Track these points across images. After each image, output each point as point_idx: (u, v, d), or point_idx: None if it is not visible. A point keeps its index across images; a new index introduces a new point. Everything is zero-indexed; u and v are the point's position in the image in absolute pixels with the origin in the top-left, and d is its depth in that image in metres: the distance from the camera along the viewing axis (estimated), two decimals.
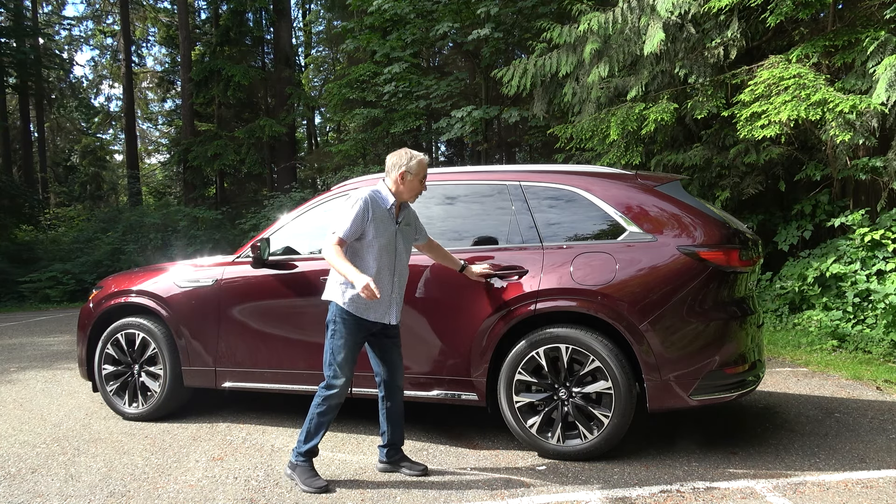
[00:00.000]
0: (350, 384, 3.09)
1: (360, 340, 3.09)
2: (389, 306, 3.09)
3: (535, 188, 3.62)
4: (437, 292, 3.51)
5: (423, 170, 3.10)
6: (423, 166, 3.09)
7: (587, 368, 3.28)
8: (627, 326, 3.21)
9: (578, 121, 8.31)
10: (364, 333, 3.09)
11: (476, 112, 11.74)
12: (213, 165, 17.89)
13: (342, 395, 3.04)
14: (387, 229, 3.04)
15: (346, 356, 3.02)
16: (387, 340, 3.17)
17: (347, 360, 3.03)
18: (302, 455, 3.09)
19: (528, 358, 3.36)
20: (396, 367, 3.20)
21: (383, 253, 3.02)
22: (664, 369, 3.17)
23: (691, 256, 3.22)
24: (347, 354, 3.02)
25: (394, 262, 3.07)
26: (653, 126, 7.24)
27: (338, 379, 3.02)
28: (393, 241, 3.07)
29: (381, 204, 3.05)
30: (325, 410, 3.05)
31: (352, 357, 3.05)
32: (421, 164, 3.09)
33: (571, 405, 3.32)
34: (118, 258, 14.97)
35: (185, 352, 4.08)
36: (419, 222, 3.32)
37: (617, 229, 3.39)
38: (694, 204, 3.45)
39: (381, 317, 3.07)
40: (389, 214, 3.07)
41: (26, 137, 21.16)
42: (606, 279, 3.27)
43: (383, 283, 3.04)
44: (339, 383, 3.02)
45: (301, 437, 3.11)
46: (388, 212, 3.06)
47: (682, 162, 7.80)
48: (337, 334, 3.02)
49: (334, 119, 17.41)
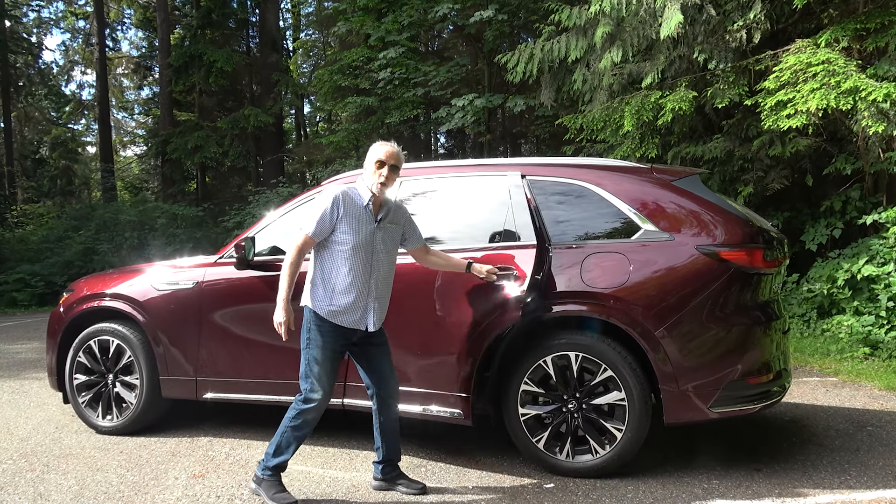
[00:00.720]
0: (329, 397, 3.04)
1: (340, 349, 3.05)
2: (366, 312, 3.05)
3: (541, 183, 3.62)
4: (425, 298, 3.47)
5: (379, 155, 3.04)
6: (378, 152, 3.05)
7: (599, 378, 3.28)
8: (642, 332, 3.21)
9: (589, 110, 8.31)
10: (343, 341, 3.05)
11: (478, 100, 11.75)
12: (194, 158, 17.89)
13: (320, 409, 3.02)
14: (362, 228, 3.02)
15: (324, 367, 2.99)
16: (372, 349, 3.15)
17: (326, 371, 2.99)
18: (269, 469, 3.08)
19: (534, 367, 3.36)
20: (386, 376, 3.18)
21: (357, 253, 3.00)
22: (682, 379, 3.17)
23: (711, 257, 3.22)
24: (326, 365, 2.99)
25: (370, 263, 3.04)
26: (670, 116, 7.24)
27: (315, 392, 2.99)
28: (370, 241, 3.04)
29: (356, 200, 3.04)
30: (300, 425, 3.03)
31: (331, 368, 3.01)
32: (375, 150, 3.06)
33: (582, 418, 3.32)
34: (91, 259, 14.98)
35: (164, 360, 4.08)
36: (413, 225, 3.28)
37: (631, 227, 3.39)
38: (714, 200, 3.44)
39: (356, 323, 3.04)
40: (366, 212, 3.05)
41: None
42: (619, 281, 3.26)
43: (357, 286, 3.01)
44: (316, 397, 2.99)
45: (270, 450, 3.08)
46: (364, 209, 3.05)
47: (702, 154, 7.80)
48: (312, 343, 3.00)
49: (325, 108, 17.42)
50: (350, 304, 3.00)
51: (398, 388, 3.25)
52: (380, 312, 3.11)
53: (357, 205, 3.04)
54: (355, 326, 3.04)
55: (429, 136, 18.87)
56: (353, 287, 3.00)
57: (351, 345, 3.12)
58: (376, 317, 3.08)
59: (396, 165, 3.08)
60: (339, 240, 3.00)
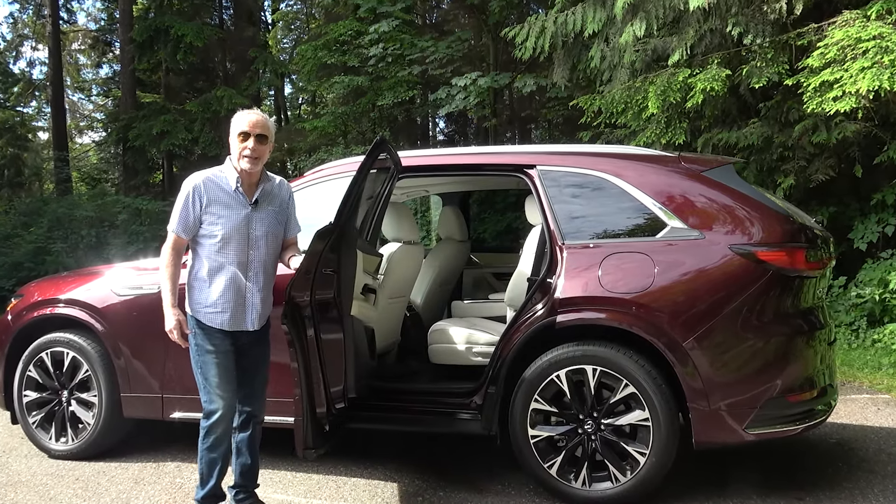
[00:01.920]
0: (232, 407, 3.07)
1: (229, 350, 3.06)
2: (245, 309, 3.06)
3: (554, 173, 3.63)
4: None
5: (241, 126, 3.02)
6: (241, 122, 3.03)
7: (619, 395, 3.28)
8: (668, 343, 3.21)
9: (608, 91, 8.30)
10: (230, 341, 3.07)
11: (482, 80, 11.73)
12: (160, 146, 17.86)
13: (225, 421, 3.04)
14: (232, 215, 3.02)
15: (215, 374, 3.00)
16: (249, 358, 3.14)
17: (220, 377, 3.01)
18: (200, 502, 3.10)
19: (546, 382, 3.36)
20: (256, 393, 3.18)
21: (230, 245, 3.01)
22: (714, 396, 3.17)
23: (747, 257, 3.22)
24: (218, 372, 3.01)
25: (246, 254, 3.04)
26: (700, 97, 7.24)
27: (213, 403, 3.01)
28: (244, 229, 3.04)
29: (221, 185, 3.04)
30: (212, 444, 3.04)
31: (225, 374, 3.03)
32: (237, 120, 3.05)
33: (600, 440, 3.32)
34: (43, 260, 14.97)
35: (126, 375, 4.08)
36: (294, 210, 3.25)
37: (656, 224, 3.39)
38: (750, 193, 3.45)
39: (237, 323, 3.05)
40: (236, 196, 3.04)
41: None
42: (643, 285, 3.27)
43: (234, 282, 3.02)
44: (215, 408, 3.01)
45: (198, 483, 3.12)
46: (233, 193, 3.04)
47: (736, 141, 7.80)
48: (199, 349, 3.04)
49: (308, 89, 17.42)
50: (228, 303, 3.02)
51: (264, 408, 3.24)
52: (262, 309, 3.12)
53: (223, 189, 3.03)
54: (236, 328, 3.06)
55: (426, 121, 18.87)
56: (230, 283, 3.02)
57: (236, 348, 3.11)
58: (257, 314, 3.09)
59: (264, 135, 3.04)
60: (207, 232, 3.02)
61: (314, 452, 3.20)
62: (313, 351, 3.17)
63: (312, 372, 3.18)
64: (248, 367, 3.15)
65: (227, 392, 3.03)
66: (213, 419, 3.02)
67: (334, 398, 3.35)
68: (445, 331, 4.27)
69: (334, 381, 3.34)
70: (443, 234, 5.41)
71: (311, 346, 3.14)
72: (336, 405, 3.37)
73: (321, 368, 3.23)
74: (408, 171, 4.02)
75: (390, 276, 4.34)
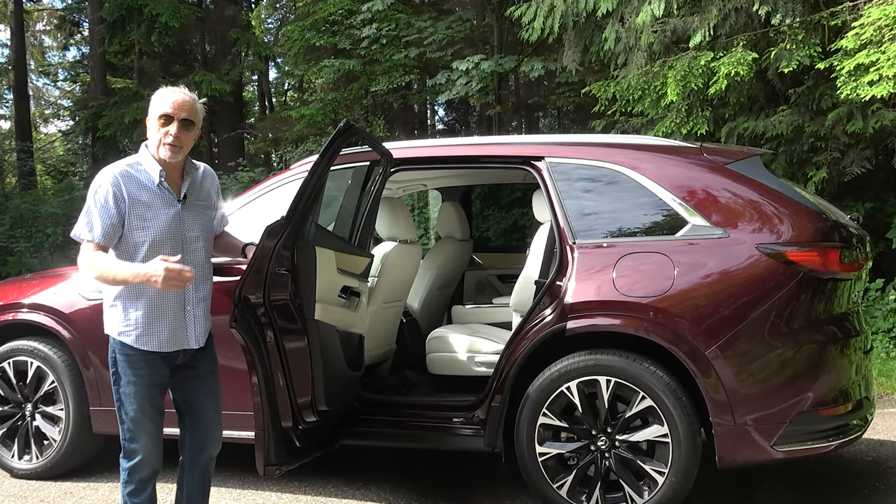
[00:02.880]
0: (159, 447, 2.82)
1: (160, 381, 2.82)
2: (185, 324, 2.81)
3: (564, 166, 3.63)
4: None
5: (163, 107, 2.74)
6: (162, 102, 2.76)
7: (635, 409, 3.28)
8: (689, 352, 3.21)
9: (624, 76, 8.30)
10: (162, 370, 2.82)
11: (486, 64, 11.73)
12: (132, 136, 17.79)
13: (151, 463, 2.80)
14: (159, 214, 2.76)
15: (137, 408, 2.75)
16: (192, 380, 2.90)
17: (145, 414, 2.76)
18: None
19: (555, 395, 3.36)
20: (208, 419, 2.91)
21: (159, 252, 2.68)
22: (739, 410, 3.17)
23: (775, 258, 3.23)
24: (140, 406, 2.75)
25: (182, 258, 2.70)
26: (724, 83, 7.23)
27: (136, 442, 2.76)
28: (176, 231, 2.78)
29: (141, 179, 2.76)
30: (135, 490, 2.79)
31: (151, 408, 2.78)
32: (157, 101, 2.78)
33: (614, 458, 3.32)
34: (4, 260, 14.98)
35: (95, 386, 4.08)
36: (221, 201, 3.08)
37: (675, 221, 3.40)
38: (779, 187, 3.46)
39: (175, 342, 2.80)
40: (161, 192, 2.77)
41: None
42: (661, 288, 3.27)
43: (164, 295, 2.74)
44: (137, 448, 2.76)
45: None
46: (157, 189, 2.77)
47: (763, 131, 7.79)
48: (122, 379, 2.76)
49: (295, 73, 17.40)
50: (164, 320, 2.76)
51: (220, 439, 2.99)
52: (205, 321, 2.89)
53: (143, 186, 2.76)
54: (176, 347, 2.81)
55: (424, 109, 18.88)
56: (164, 296, 2.75)
57: (172, 372, 2.87)
58: (199, 329, 2.85)
59: (191, 120, 2.78)
60: (131, 239, 2.74)
61: (277, 469, 3.16)
62: (274, 357, 3.13)
63: (274, 381, 3.14)
64: (196, 397, 2.91)
65: (153, 429, 2.80)
66: (134, 460, 2.78)
67: (302, 409, 3.31)
68: (445, 338, 4.27)
69: (300, 391, 3.29)
70: (442, 233, 5.42)
71: (270, 351, 3.11)
72: (305, 418, 3.34)
73: (284, 377, 3.19)
74: (403, 163, 4.02)
75: (384, 278, 4.35)
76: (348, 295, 3.92)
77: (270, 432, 3.13)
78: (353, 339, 3.94)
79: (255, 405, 3.08)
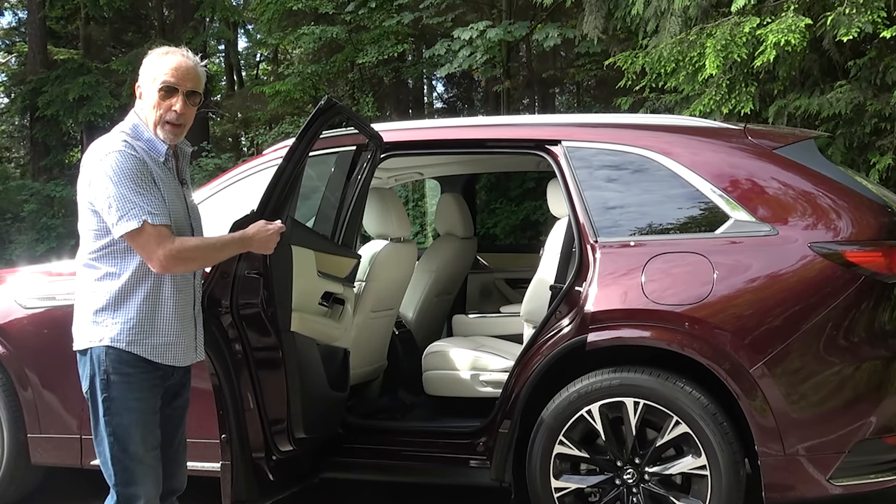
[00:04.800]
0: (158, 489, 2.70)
1: (158, 407, 2.72)
2: (195, 332, 2.81)
3: (584, 151, 3.63)
4: None
5: (163, 73, 2.65)
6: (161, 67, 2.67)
7: (668, 436, 3.28)
8: (732, 370, 3.21)
9: (654, 45, 8.30)
10: (159, 392, 2.72)
11: (493, 31, 11.72)
12: (78, 115, 17.83)
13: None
14: (175, 198, 2.72)
15: (144, 440, 2.63)
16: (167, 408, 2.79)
17: (150, 445, 2.65)
18: None
19: (574, 420, 3.36)
20: (174, 455, 2.85)
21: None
22: (790, 437, 3.17)
23: (832, 259, 3.23)
24: (147, 437, 2.64)
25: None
26: (772, 54, 7.22)
27: (137, 484, 2.61)
28: (186, 219, 2.77)
29: (152, 155, 2.67)
30: None
31: (153, 441, 2.67)
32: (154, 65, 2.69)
33: (643, 494, 3.32)
34: None
35: (34, 410, 4.09)
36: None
37: (715, 216, 3.40)
38: (836, 176, 3.46)
39: (187, 355, 2.76)
40: (167, 170, 2.72)
41: None
42: (698, 295, 3.27)
43: (181, 296, 2.72)
44: (138, 493, 2.61)
45: None
46: (164, 165, 2.71)
47: (818, 110, 7.78)
48: (114, 405, 2.59)
49: (269, 42, 17.38)
50: (181, 326, 2.71)
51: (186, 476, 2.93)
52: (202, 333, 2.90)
53: (154, 159, 2.68)
54: (187, 362, 2.79)
55: (421, 84, 18.86)
56: (181, 297, 2.71)
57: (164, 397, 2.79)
58: (201, 336, 2.86)
59: (196, 90, 2.71)
60: None
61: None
62: (243, 376, 3.13)
63: (243, 403, 3.14)
64: (169, 427, 2.81)
65: (157, 472, 2.69)
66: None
67: (276, 437, 3.31)
68: (444, 353, 4.27)
69: (274, 416, 3.29)
70: (441, 230, 5.42)
71: (239, 369, 3.10)
72: (280, 447, 3.33)
73: (255, 399, 3.18)
74: (396, 147, 4.02)
75: (373, 282, 4.35)
76: (331, 302, 3.92)
77: (239, 464, 3.13)
78: (336, 354, 3.94)
79: (223, 434, 3.08)
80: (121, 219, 2.54)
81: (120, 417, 2.60)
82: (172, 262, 2.59)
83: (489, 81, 14.15)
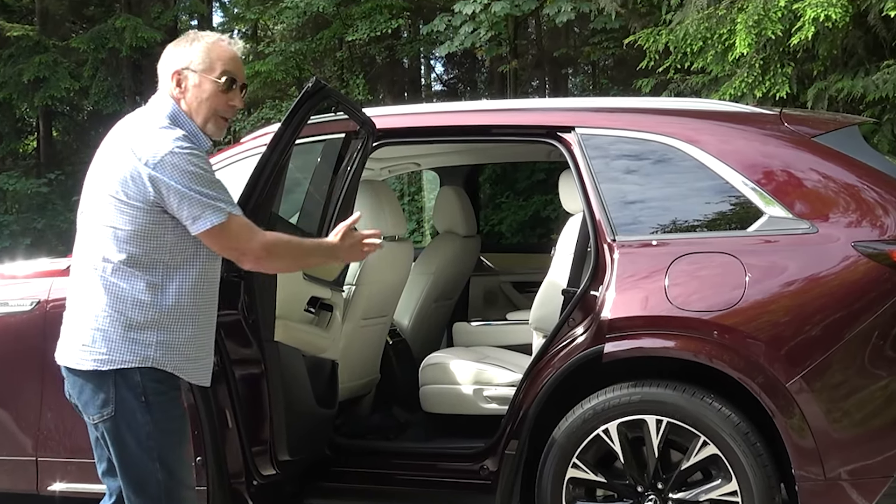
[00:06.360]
0: None
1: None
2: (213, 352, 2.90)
3: (600, 139, 3.64)
4: None
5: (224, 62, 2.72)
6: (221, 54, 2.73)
7: (695, 458, 3.28)
8: (766, 384, 3.21)
9: (679, 21, 8.32)
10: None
11: (498, 5, 11.75)
12: (34, 100, 17.85)
13: None
14: None
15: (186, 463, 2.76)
16: None
17: (189, 468, 2.83)
18: None
19: (589, 440, 3.37)
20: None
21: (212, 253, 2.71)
22: (831, 460, 3.17)
23: (878, 260, 3.22)
24: (187, 459, 2.78)
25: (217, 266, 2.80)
26: (811, 30, 7.24)
27: None
28: None
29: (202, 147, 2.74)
30: None
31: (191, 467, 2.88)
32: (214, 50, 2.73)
33: None
34: None
35: None
36: None
37: (747, 212, 3.40)
38: (883, 167, 3.46)
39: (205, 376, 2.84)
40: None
41: None
42: (729, 300, 3.27)
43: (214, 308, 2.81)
44: None
45: None
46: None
47: (863, 93, 7.80)
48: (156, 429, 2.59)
49: (247, 17, 17.42)
50: (209, 343, 2.80)
51: None
52: None
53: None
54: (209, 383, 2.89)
55: (418, 64, 18.89)
56: (211, 310, 2.79)
57: None
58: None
59: (245, 84, 2.85)
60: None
61: None
62: (221, 392, 3.14)
63: (221, 423, 3.15)
64: None
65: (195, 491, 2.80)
66: None
67: (257, 459, 3.32)
68: (444, 366, 4.28)
69: (255, 436, 3.30)
70: (441, 227, 5.42)
71: (217, 383, 3.09)
72: (262, 471, 3.34)
73: (233, 417, 3.20)
74: (390, 135, 4.03)
75: (365, 287, 4.36)
76: (318, 309, 3.92)
77: (216, 490, 3.14)
78: (323, 366, 3.95)
79: (197, 456, 3.09)
80: (201, 215, 2.54)
81: (166, 439, 2.63)
82: (267, 254, 2.70)
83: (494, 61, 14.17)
